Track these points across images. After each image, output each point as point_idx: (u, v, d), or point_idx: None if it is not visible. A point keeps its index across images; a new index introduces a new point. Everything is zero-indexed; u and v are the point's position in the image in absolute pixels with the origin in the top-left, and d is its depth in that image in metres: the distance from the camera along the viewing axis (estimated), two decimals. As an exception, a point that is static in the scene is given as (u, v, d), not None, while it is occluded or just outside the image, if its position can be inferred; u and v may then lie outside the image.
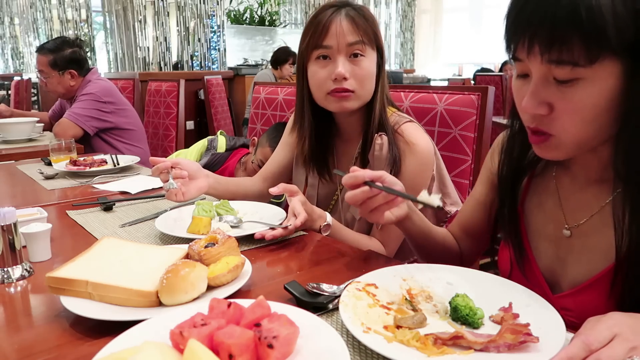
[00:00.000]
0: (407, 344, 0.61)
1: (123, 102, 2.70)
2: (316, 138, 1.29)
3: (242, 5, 6.85)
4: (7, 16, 5.47)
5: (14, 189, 1.65)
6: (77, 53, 2.62)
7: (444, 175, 1.28)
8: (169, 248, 0.90)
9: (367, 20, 1.16)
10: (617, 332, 0.55)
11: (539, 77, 0.68)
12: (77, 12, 5.39)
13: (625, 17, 0.61)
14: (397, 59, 8.33)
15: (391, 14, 8.11)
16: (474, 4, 8.42)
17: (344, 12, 1.15)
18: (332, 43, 1.14)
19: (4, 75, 5.38)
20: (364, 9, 1.19)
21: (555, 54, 0.64)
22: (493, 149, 0.97)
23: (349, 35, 1.14)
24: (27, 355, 0.64)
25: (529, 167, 0.87)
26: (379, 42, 1.19)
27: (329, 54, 1.16)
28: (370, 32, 1.16)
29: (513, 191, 0.88)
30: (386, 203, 0.85)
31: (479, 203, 1.00)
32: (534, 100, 0.69)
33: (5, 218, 0.86)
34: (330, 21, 1.15)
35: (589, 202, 0.80)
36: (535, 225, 0.87)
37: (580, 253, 0.80)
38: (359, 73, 1.15)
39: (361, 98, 1.18)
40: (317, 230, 1.09)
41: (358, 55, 1.15)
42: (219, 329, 0.55)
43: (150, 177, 1.70)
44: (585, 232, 0.80)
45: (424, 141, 1.19)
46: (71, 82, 2.62)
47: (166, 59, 5.62)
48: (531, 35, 0.65)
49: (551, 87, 0.67)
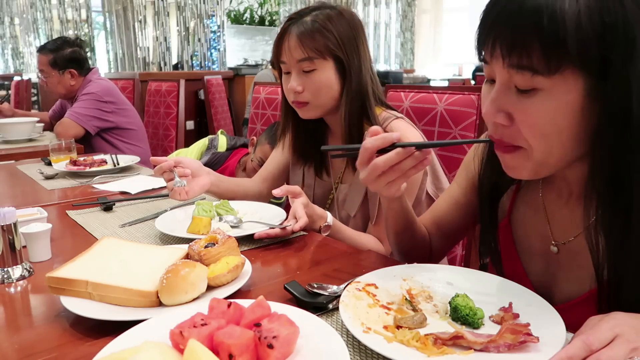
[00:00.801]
0: (407, 344, 0.61)
1: (124, 101, 2.71)
2: (306, 137, 1.32)
3: (242, 5, 6.85)
4: (7, 16, 5.47)
5: (14, 189, 1.65)
6: (77, 52, 2.63)
7: (437, 169, 1.29)
8: (169, 248, 0.90)
9: (321, 33, 1.15)
10: (619, 332, 0.55)
11: (501, 83, 0.66)
12: (77, 12, 5.39)
13: (589, 31, 0.58)
14: (397, 59, 8.32)
15: (391, 14, 8.11)
16: (474, 4, 8.42)
17: (295, 28, 1.17)
18: (285, 59, 1.20)
19: (4, 75, 5.38)
20: (320, 18, 1.17)
21: (515, 58, 0.62)
22: (476, 149, 0.95)
23: (295, 53, 1.17)
24: (27, 355, 0.64)
25: (512, 180, 0.84)
26: (336, 52, 1.17)
27: (285, 68, 1.22)
28: (321, 45, 1.15)
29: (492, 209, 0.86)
30: (411, 168, 0.77)
31: (455, 202, 0.98)
32: (493, 107, 0.67)
33: (5, 218, 0.86)
34: (282, 38, 1.19)
35: (575, 220, 0.77)
36: (522, 238, 0.86)
37: (569, 269, 0.79)
38: (311, 87, 1.18)
39: (320, 107, 1.22)
40: (317, 230, 1.09)
41: (309, 70, 1.17)
42: (219, 329, 0.55)
43: (151, 177, 1.70)
44: (572, 249, 0.78)
45: (413, 137, 1.19)
46: (71, 82, 2.63)
47: (166, 59, 5.62)
48: (495, 37, 0.64)
49: (511, 96, 0.65)
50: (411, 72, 8.07)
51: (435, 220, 1.02)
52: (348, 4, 7.28)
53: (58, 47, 2.59)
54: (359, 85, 1.20)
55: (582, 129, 0.64)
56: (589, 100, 0.62)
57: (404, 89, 1.56)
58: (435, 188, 1.28)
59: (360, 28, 1.22)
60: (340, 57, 1.18)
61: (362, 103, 1.20)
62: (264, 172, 1.47)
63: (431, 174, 1.26)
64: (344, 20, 1.18)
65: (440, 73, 8.20)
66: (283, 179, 1.48)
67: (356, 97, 1.20)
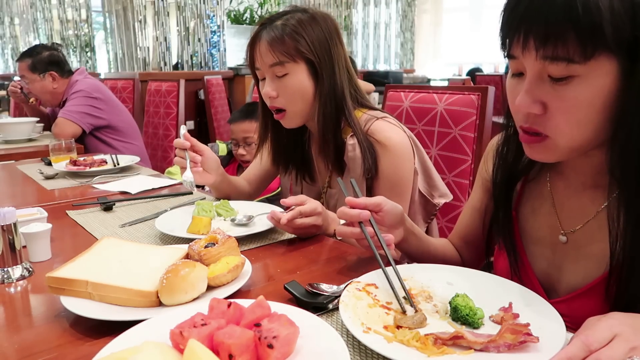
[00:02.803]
0: (407, 344, 0.61)
1: (113, 99, 2.71)
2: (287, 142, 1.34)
3: (242, 5, 6.85)
4: (7, 16, 5.46)
5: (14, 189, 1.65)
6: (55, 55, 2.65)
7: (428, 167, 1.28)
8: (169, 248, 0.90)
9: (291, 37, 1.14)
10: (618, 332, 0.55)
11: (533, 74, 0.67)
12: (77, 12, 5.39)
13: (622, 14, 0.60)
14: (397, 59, 8.32)
15: (391, 14, 8.10)
16: (474, 4, 8.42)
17: (265, 33, 1.16)
18: (259, 65, 1.20)
19: (4, 75, 5.37)
20: (291, 23, 1.16)
21: (550, 49, 0.62)
22: (487, 154, 0.96)
23: (267, 58, 1.17)
24: (27, 355, 0.64)
25: (523, 171, 0.86)
26: (307, 55, 1.16)
27: (260, 74, 1.22)
28: (291, 48, 1.15)
29: (507, 195, 0.87)
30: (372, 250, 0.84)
31: (475, 210, 1.00)
32: (528, 98, 0.67)
33: (5, 218, 0.86)
34: (254, 44, 1.19)
35: (585, 208, 0.79)
36: (529, 230, 0.86)
37: (576, 259, 0.80)
38: (284, 91, 1.18)
39: (298, 114, 1.21)
40: (331, 235, 1.09)
41: (282, 75, 1.17)
42: (219, 329, 0.55)
43: (151, 177, 1.70)
44: (580, 238, 0.79)
45: (396, 136, 1.19)
46: (54, 85, 2.63)
47: (166, 59, 5.62)
48: (526, 30, 0.64)
49: (545, 86, 0.66)
50: (411, 72, 8.07)
51: (460, 234, 1.04)
52: (348, 4, 7.28)
53: (35, 51, 2.62)
54: (333, 87, 1.19)
55: (613, 112, 0.66)
56: (622, 83, 0.64)
57: (404, 89, 1.56)
58: (427, 186, 1.28)
59: (334, 30, 1.20)
60: (311, 59, 1.17)
61: (337, 105, 1.19)
62: (249, 174, 1.49)
63: (422, 172, 1.25)
64: (316, 23, 1.17)
65: (440, 73, 8.19)
66: (267, 182, 1.52)
67: (330, 99, 1.19)
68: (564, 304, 0.78)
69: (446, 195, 1.30)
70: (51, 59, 2.62)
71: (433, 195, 1.28)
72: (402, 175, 1.19)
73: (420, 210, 1.28)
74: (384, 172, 1.18)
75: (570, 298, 0.78)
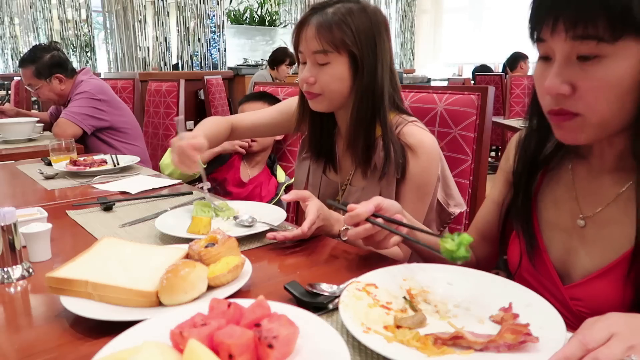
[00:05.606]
0: (407, 344, 0.61)
1: (117, 100, 2.70)
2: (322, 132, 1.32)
3: (242, 5, 6.86)
4: (7, 16, 5.47)
5: (14, 189, 1.65)
6: (57, 56, 2.62)
7: (447, 176, 1.28)
8: (169, 248, 0.90)
9: (339, 26, 1.12)
10: (615, 331, 0.55)
11: (562, 56, 0.69)
12: (77, 12, 5.39)
13: None
14: (397, 59, 8.33)
15: (391, 14, 8.11)
16: (474, 4, 8.42)
17: (314, 19, 1.15)
18: (303, 49, 1.19)
19: (4, 75, 5.38)
20: (341, 11, 1.14)
21: (580, 29, 0.65)
22: (509, 149, 0.97)
23: (311, 44, 1.15)
24: (27, 355, 0.64)
25: (544, 162, 0.88)
26: (351, 48, 1.14)
27: (302, 58, 1.21)
28: (337, 39, 1.13)
29: (527, 183, 0.88)
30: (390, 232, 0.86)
31: (495, 203, 1.00)
32: (557, 79, 0.69)
33: (5, 218, 0.86)
34: (301, 27, 1.17)
35: (605, 191, 0.80)
36: (547, 217, 0.87)
37: (593, 243, 0.81)
38: (323, 79, 1.17)
39: (331, 101, 1.20)
40: (335, 235, 1.08)
41: (323, 63, 1.16)
42: (219, 329, 0.55)
43: (151, 177, 1.70)
44: (600, 221, 0.80)
45: (428, 139, 1.18)
46: (61, 87, 2.62)
47: (166, 59, 5.62)
48: (556, 15, 0.66)
49: (574, 67, 0.68)
50: (411, 72, 8.07)
51: (477, 227, 1.04)
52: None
53: (36, 56, 2.57)
54: (372, 84, 1.16)
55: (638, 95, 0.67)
56: None
57: (404, 89, 1.56)
58: (444, 194, 1.27)
59: (383, 26, 1.18)
60: (355, 53, 1.15)
61: (373, 103, 1.17)
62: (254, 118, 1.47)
63: (442, 180, 1.25)
64: (366, 15, 1.15)
65: (440, 73, 8.20)
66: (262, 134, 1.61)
67: (367, 96, 1.16)
68: (579, 287, 0.79)
69: (461, 205, 1.29)
70: (53, 61, 2.59)
71: (449, 203, 1.27)
72: (429, 179, 1.18)
73: (435, 218, 1.27)
74: (412, 174, 1.16)
75: (585, 281, 0.79)
